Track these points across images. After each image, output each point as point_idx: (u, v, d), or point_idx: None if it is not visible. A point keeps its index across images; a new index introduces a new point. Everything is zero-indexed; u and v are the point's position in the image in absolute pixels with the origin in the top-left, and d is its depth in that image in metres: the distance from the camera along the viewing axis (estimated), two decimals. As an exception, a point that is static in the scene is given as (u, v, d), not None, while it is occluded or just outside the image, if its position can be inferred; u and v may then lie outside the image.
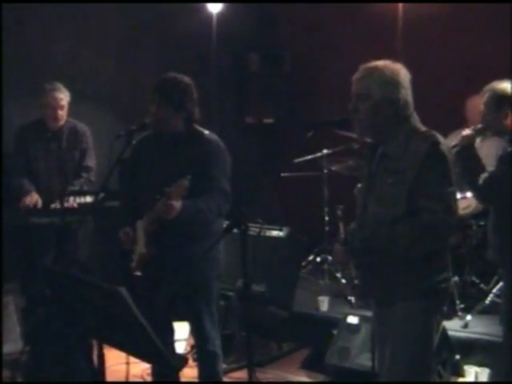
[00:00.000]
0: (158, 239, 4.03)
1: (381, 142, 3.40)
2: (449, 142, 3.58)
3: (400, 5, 7.44)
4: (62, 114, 5.67)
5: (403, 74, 3.34)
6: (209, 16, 7.77)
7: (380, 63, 3.37)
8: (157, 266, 4.07)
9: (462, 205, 4.64)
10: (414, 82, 3.38)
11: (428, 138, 3.26)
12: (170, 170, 3.96)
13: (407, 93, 3.33)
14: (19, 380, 4.88)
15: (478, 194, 4.26)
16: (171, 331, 4.41)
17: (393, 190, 3.27)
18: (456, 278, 5.49)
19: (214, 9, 7.74)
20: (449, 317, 5.23)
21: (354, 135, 3.62)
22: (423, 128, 3.35)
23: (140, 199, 4.18)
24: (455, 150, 4.11)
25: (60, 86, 5.62)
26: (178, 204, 3.80)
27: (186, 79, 4.14)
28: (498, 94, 4.17)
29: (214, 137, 4.19)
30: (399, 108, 3.30)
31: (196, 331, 4.33)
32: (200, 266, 4.08)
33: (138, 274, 4.04)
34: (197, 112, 4.15)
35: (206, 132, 4.18)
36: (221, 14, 7.79)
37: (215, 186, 4.04)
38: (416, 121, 3.37)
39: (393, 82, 3.30)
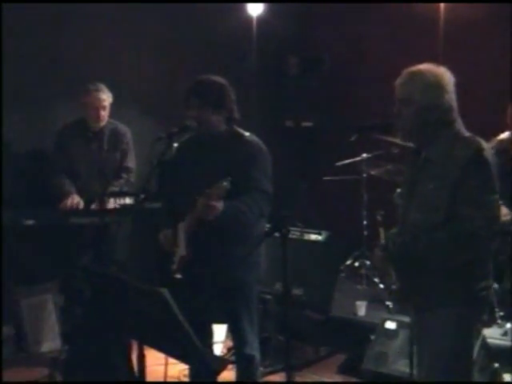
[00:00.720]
0: (199, 241, 4.01)
1: (423, 147, 3.37)
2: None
3: (442, 5, 7.34)
4: (104, 114, 5.72)
5: (447, 78, 3.29)
6: (249, 19, 7.79)
7: (423, 67, 3.32)
8: (197, 267, 4.07)
9: (502, 212, 4.54)
10: (457, 86, 3.32)
11: (472, 143, 3.21)
12: (211, 171, 3.94)
13: (451, 97, 3.28)
14: (58, 378, 4.93)
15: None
16: (210, 333, 4.42)
17: (434, 196, 3.23)
18: (495, 285, 5.43)
19: (254, 11, 7.77)
20: (488, 324, 5.17)
21: (396, 140, 3.59)
22: (467, 133, 3.30)
23: (181, 201, 4.18)
24: None
25: (103, 86, 5.67)
26: (218, 204, 3.79)
27: (221, 79, 4.13)
28: None
29: (255, 138, 4.17)
30: (443, 113, 3.26)
31: (234, 334, 4.31)
32: (241, 268, 4.06)
33: (179, 276, 4.03)
34: (236, 111, 4.15)
35: (247, 134, 4.16)
36: (261, 17, 7.81)
37: (256, 187, 4.01)
38: (460, 126, 3.32)
39: (436, 87, 3.25)
